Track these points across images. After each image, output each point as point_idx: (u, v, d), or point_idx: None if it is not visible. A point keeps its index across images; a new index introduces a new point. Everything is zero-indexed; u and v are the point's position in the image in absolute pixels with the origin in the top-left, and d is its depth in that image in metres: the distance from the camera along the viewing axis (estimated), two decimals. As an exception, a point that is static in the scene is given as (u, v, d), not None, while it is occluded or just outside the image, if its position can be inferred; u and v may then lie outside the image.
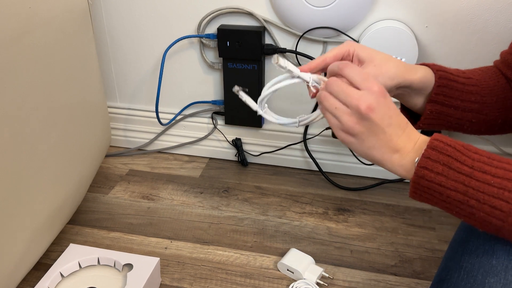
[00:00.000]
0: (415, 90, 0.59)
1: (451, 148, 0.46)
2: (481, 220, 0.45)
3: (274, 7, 0.91)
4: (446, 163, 0.45)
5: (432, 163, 0.46)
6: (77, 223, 0.88)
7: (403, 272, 0.79)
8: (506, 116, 0.61)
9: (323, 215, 0.91)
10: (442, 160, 0.45)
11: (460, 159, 0.45)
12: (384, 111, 0.47)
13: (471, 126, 0.62)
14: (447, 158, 0.45)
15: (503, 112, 0.61)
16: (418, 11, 0.85)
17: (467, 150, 0.46)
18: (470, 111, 0.60)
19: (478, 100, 0.60)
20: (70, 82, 0.75)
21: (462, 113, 0.60)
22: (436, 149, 0.46)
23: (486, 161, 0.45)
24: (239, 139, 1.06)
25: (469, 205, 0.45)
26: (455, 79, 0.59)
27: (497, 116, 0.61)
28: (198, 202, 0.95)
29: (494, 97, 0.61)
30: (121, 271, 0.72)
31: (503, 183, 0.43)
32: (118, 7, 0.98)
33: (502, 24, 0.83)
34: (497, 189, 0.43)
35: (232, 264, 0.80)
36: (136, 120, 1.11)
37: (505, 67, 0.61)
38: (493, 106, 0.61)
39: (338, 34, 0.90)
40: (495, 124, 0.62)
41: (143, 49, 1.02)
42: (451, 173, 0.45)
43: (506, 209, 0.43)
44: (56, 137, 0.72)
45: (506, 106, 0.61)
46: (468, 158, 0.45)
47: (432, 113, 0.60)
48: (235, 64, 0.95)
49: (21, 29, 0.61)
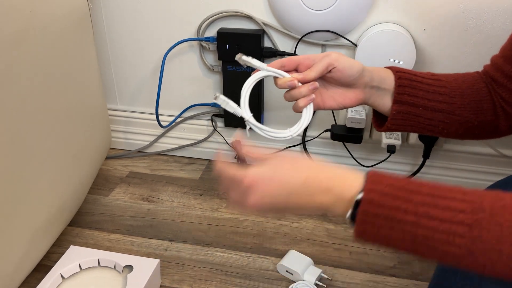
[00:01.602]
0: (380, 89, 0.59)
1: (390, 197, 0.41)
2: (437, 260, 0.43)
3: (273, 11, 0.91)
4: (388, 216, 0.41)
5: (371, 218, 0.42)
6: (78, 225, 0.89)
7: (402, 273, 0.79)
8: (483, 119, 0.61)
9: (322, 217, 0.92)
10: (382, 214, 0.41)
11: (402, 208, 0.41)
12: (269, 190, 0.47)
13: (446, 128, 0.61)
14: (387, 211, 0.41)
15: (479, 115, 0.61)
16: (416, 14, 0.86)
17: (408, 193, 0.41)
18: (440, 111, 0.60)
19: (447, 100, 0.60)
20: (70, 85, 0.75)
21: (433, 113, 0.60)
22: (373, 202, 0.42)
23: (430, 202, 0.41)
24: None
25: (421, 252, 0.42)
26: (419, 80, 0.60)
27: (472, 118, 0.60)
28: (198, 204, 0.96)
29: (466, 98, 0.60)
30: (121, 272, 0.72)
31: (452, 228, 0.39)
32: (118, 11, 0.99)
33: (498, 27, 0.83)
34: (446, 236, 0.39)
35: (232, 265, 0.80)
36: (136, 122, 1.11)
37: (494, 70, 0.61)
38: (465, 108, 0.60)
39: (337, 37, 0.90)
40: (472, 126, 0.61)
41: (143, 51, 1.02)
42: (394, 225, 0.41)
43: (459, 253, 0.40)
44: (56, 139, 0.72)
45: (482, 109, 0.61)
46: (410, 204, 0.41)
47: (399, 113, 0.59)
48: (234, 67, 0.96)
49: (22, 32, 0.61)
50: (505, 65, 0.59)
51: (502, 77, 0.60)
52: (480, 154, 0.97)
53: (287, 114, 1.02)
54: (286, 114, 1.02)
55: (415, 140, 0.94)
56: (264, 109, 1.03)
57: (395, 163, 1.01)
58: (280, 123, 1.04)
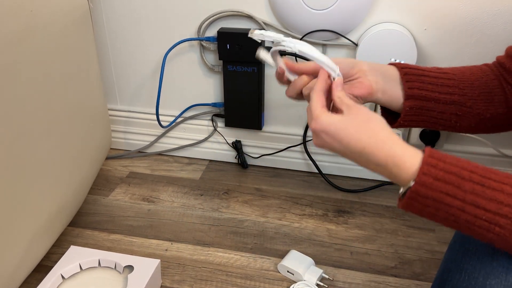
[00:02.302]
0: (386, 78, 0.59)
1: (441, 182, 0.44)
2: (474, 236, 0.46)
3: (273, 10, 0.91)
4: (436, 198, 0.44)
5: (421, 198, 0.45)
6: (78, 225, 0.89)
7: (403, 273, 0.79)
8: (495, 111, 0.61)
9: (323, 217, 0.92)
10: (431, 197, 0.44)
11: (451, 193, 0.44)
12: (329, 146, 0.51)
13: (459, 121, 0.61)
14: (436, 194, 0.44)
15: (491, 106, 0.60)
16: (417, 14, 0.86)
17: (460, 180, 0.44)
18: (452, 103, 0.59)
19: (457, 92, 0.60)
20: (71, 85, 0.75)
21: (444, 106, 0.59)
22: (425, 185, 0.44)
23: (479, 191, 0.43)
24: (239, 141, 1.06)
25: (460, 228, 0.45)
26: (426, 74, 0.60)
27: (483, 110, 0.60)
28: (199, 204, 0.95)
29: (476, 90, 0.60)
30: (121, 273, 0.72)
31: (495, 219, 0.43)
32: (118, 10, 0.98)
33: (499, 27, 0.84)
34: (488, 224, 0.43)
35: (233, 266, 0.80)
36: (136, 122, 1.11)
37: (510, 61, 0.61)
38: (476, 99, 0.60)
39: (338, 37, 0.90)
40: (484, 119, 0.61)
41: (144, 52, 1.02)
42: (441, 206, 0.44)
43: (496, 239, 0.44)
44: (56, 140, 0.72)
45: (493, 101, 0.60)
46: (460, 191, 0.44)
47: (412, 109, 0.59)
48: (235, 67, 0.96)
49: (23, 32, 0.61)
50: None
51: None
52: (481, 154, 0.97)
53: (287, 114, 1.02)
54: (286, 113, 1.02)
55: (416, 140, 0.94)
56: (265, 108, 1.02)
57: (396, 163, 1.01)
58: (281, 123, 1.04)
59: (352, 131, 0.49)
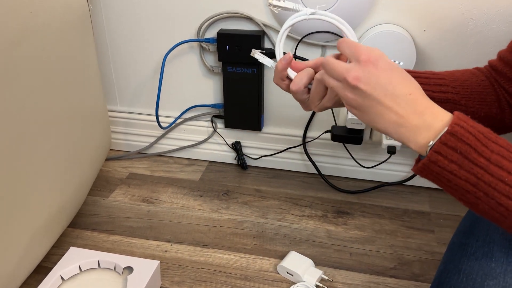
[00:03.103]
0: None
1: (472, 136, 0.43)
2: (483, 210, 0.45)
3: (273, 12, 0.91)
4: (463, 152, 0.43)
5: (448, 150, 0.44)
6: (78, 227, 0.89)
7: (402, 274, 0.79)
8: (489, 111, 0.61)
9: (323, 218, 0.92)
10: (459, 148, 0.43)
11: (479, 149, 0.43)
12: (375, 80, 0.46)
13: None
14: (465, 147, 0.43)
15: (484, 106, 0.61)
16: (416, 15, 0.86)
17: (487, 140, 0.44)
18: (447, 102, 0.60)
19: (450, 90, 0.60)
20: (71, 86, 0.75)
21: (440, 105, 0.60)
22: (456, 135, 0.43)
23: (505, 154, 0.43)
24: (239, 143, 1.07)
25: (476, 196, 0.44)
26: (417, 75, 0.60)
27: (478, 109, 0.61)
28: (198, 205, 0.96)
29: (468, 89, 0.61)
30: (121, 274, 0.72)
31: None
32: (118, 11, 0.99)
33: (498, 28, 0.84)
34: (509, 188, 0.42)
35: (232, 267, 0.80)
36: (136, 123, 1.11)
37: (502, 64, 0.62)
38: (469, 97, 0.60)
39: (337, 38, 0.90)
40: (479, 118, 0.61)
41: (143, 53, 1.02)
42: (465, 163, 0.43)
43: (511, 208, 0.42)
44: (56, 141, 0.72)
45: (486, 100, 0.61)
46: (487, 149, 0.43)
47: None
48: (234, 68, 0.96)
49: (22, 32, 0.61)
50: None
51: (511, 72, 0.60)
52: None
53: (287, 115, 1.02)
54: (286, 114, 1.02)
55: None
56: (264, 109, 1.03)
57: (395, 164, 1.01)
58: (280, 124, 1.04)
59: (402, 75, 0.48)
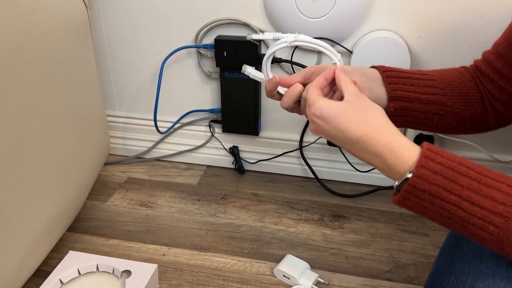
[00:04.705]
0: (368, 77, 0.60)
1: (439, 176, 0.43)
2: (464, 235, 0.46)
3: (269, 18, 0.92)
4: (433, 193, 0.44)
5: (417, 191, 0.44)
6: (76, 231, 0.89)
7: (397, 277, 0.80)
8: (473, 111, 0.62)
9: (319, 222, 0.93)
10: (428, 190, 0.44)
11: (448, 188, 0.43)
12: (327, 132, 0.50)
13: (440, 120, 0.61)
14: (433, 188, 0.43)
15: (469, 106, 0.62)
16: (410, 22, 0.87)
17: (457, 174, 0.43)
18: (434, 103, 0.60)
19: (438, 92, 0.61)
20: (70, 92, 0.76)
21: (427, 106, 0.60)
22: (423, 177, 0.44)
23: (476, 188, 0.43)
24: (236, 147, 1.07)
25: (453, 226, 0.45)
26: (407, 76, 0.61)
27: (463, 110, 0.61)
28: (196, 209, 0.96)
29: (455, 90, 0.61)
30: (119, 277, 0.72)
31: (490, 217, 0.42)
32: (117, 18, 1.00)
33: (491, 34, 0.85)
34: (482, 222, 0.42)
35: (229, 270, 0.81)
36: (134, 128, 1.12)
37: (485, 65, 0.62)
38: (456, 99, 0.61)
39: (332, 45, 0.91)
40: (464, 118, 0.62)
41: (142, 59, 1.04)
42: (437, 201, 0.44)
43: (489, 239, 0.43)
44: (55, 146, 0.73)
45: (471, 101, 0.62)
46: (457, 185, 0.43)
47: (397, 110, 0.60)
48: (232, 74, 0.97)
49: (23, 40, 0.62)
50: (497, 61, 0.60)
51: (493, 73, 0.61)
52: (474, 159, 0.98)
53: (284, 120, 1.03)
54: (283, 119, 1.03)
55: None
56: (261, 114, 1.04)
57: (391, 168, 1.02)
58: (277, 128, 1.05)
59: (351, 118, 0.48)
